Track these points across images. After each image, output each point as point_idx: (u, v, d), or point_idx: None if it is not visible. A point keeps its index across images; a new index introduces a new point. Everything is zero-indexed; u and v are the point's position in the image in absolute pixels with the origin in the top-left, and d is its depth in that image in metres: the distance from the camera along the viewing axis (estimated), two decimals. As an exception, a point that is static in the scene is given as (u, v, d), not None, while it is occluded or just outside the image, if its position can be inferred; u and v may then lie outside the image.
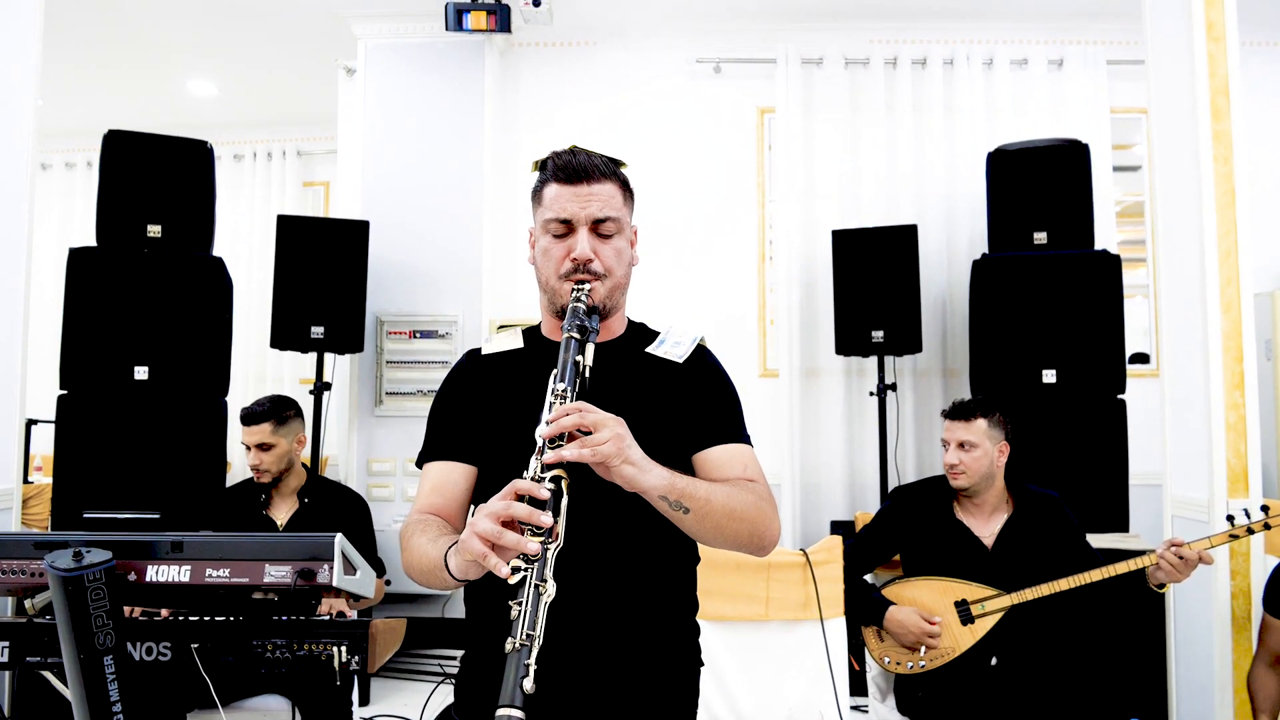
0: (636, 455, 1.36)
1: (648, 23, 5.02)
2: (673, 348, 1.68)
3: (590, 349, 1.47)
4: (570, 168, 1.59)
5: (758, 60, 4.98)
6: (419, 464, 1.70)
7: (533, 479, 1.30)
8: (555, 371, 1.43)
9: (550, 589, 1.23)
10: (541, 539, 1.24)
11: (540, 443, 1.33)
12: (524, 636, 1.19)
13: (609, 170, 1.62)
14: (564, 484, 1.30)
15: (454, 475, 1.65)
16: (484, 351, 1.73)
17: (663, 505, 1.40)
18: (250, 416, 3.22)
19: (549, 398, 1.40)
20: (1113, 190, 4.77)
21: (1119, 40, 4.81)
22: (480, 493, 1.65)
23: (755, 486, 1.57)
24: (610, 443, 1.32)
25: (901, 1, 4.77)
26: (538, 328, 1.75)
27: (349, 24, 4.88)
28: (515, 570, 1.22)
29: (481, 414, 1.65)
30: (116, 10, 4.82)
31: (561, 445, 1.32)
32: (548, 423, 1.34)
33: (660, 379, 1.64)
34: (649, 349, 1.68)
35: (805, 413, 4.81)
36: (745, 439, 1.65)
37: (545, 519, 1.24)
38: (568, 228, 1.58)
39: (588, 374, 1.45)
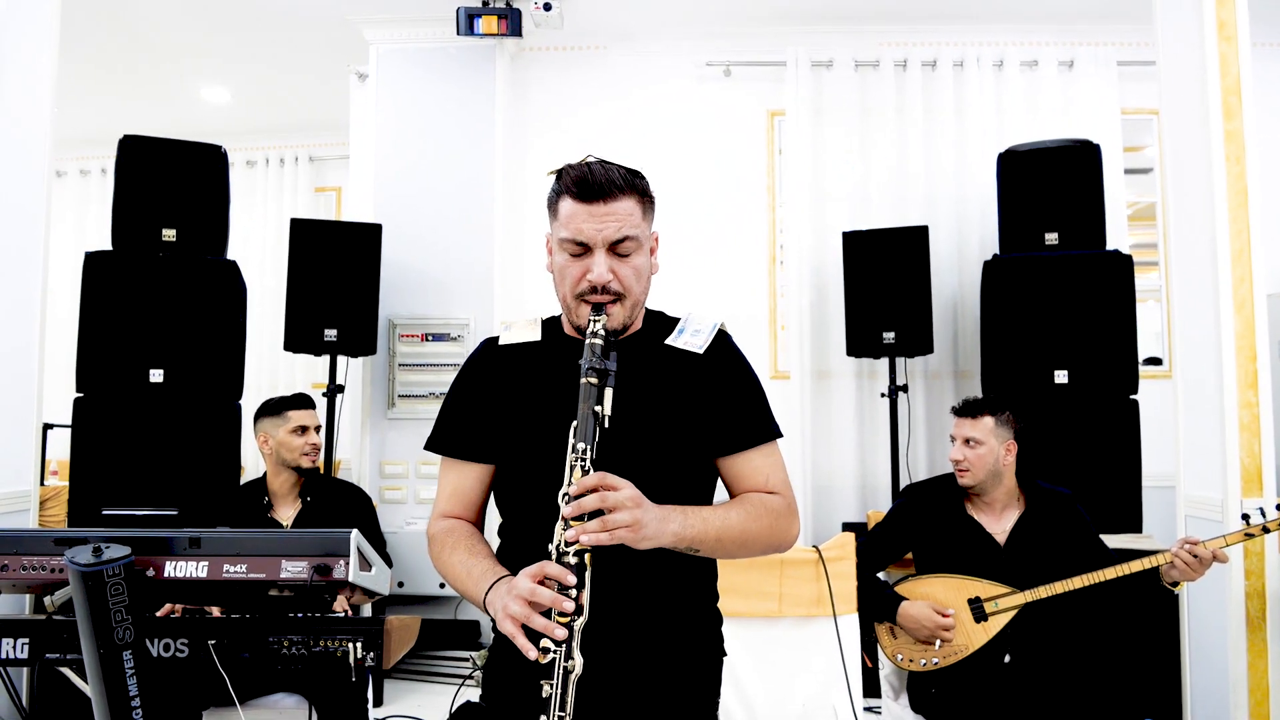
0: (651, 529, 1.39)
1: (657, 26, 5.04)
2: (692, 337, 1.66)
3: (609, 394, 1.44)
4: (587, 184, 1.52)
5: (767, 63, 4.99)
6: (429, 447, 1.70)
7: (558, 554, 1.35)
8: (574, 424, 1.42)
9: (578, 666, 1.32)
10: (567, 621, 1.32)
11: (563, 508, 1.37)
12: (555, 718, 1.30)
13: (627, 185, 1.55)
14: (588, 558, 1.36)
15: (471, 479, 1.68)
16: (502, 341, 1.71)
17: (676, 549, 1.46)
18: (306, 399, 3.29)
19: (569, 455, 1.40)
20: (1123, 193, 4.76)
21: (1129, 41, 4.80)
22: (500, 487, 1.67)
23: (771, 501, 1.59)
24: (628, 528, 1.35)
25: (911, 4, 4.78)
26: (557, 319, 1.72)
27: (360, 30, 4.91)
28: (545, 651, 1.32)
29: (499, 410, 1.64)
30: (129, 18, 4.87)
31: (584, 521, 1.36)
32: (567, 494, 1.36)
33: (682, 373, 1.63)
34: (669, 340, 1.66)
35: (816, 414, 4.81)
36: (771, 433, 1.65)
37: (569, 605, 1.32)
38: (584, 248, 1.54)
39: (608, 423, 1.43)
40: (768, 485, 1.62)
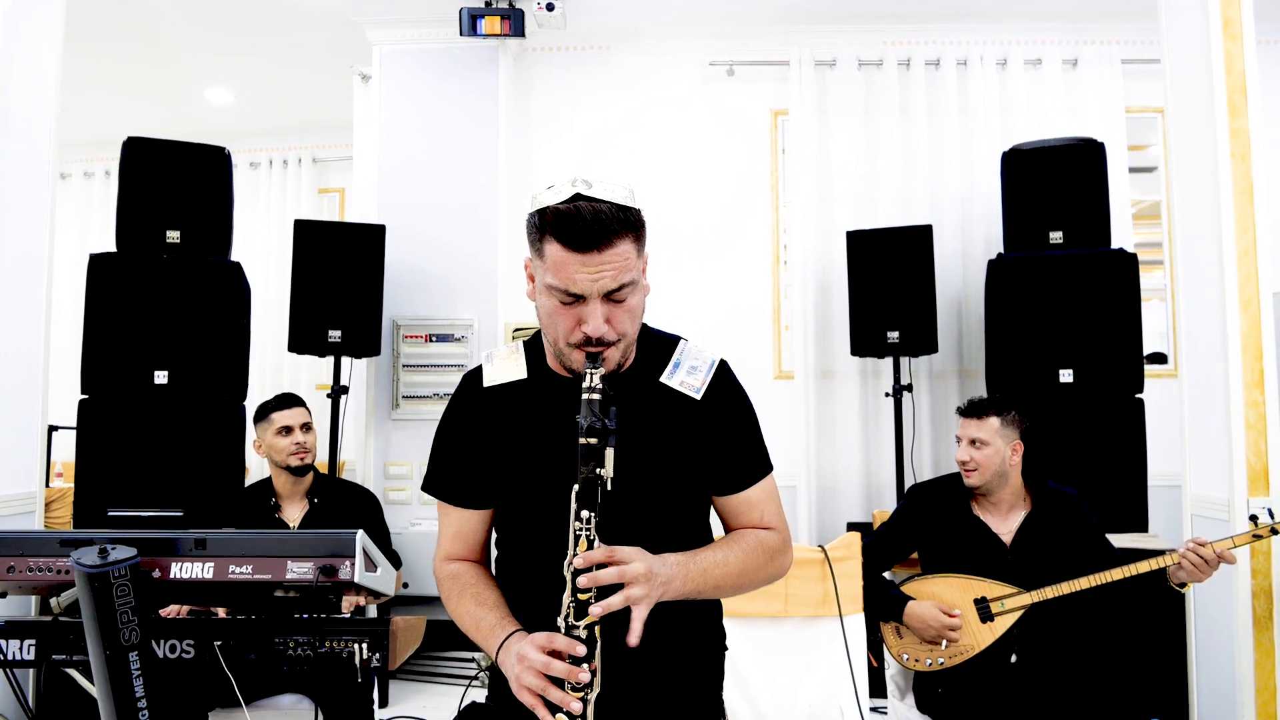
0: (658, 592, 1.40)
1: (661, 26, 5.03)
2: (689, 376, 1.59)
3: (610, 455, 1.37)
4: (577, 231, 1.39)
5: (771, 63, 4.99)
6: (427, 489, 1.69)
7: (567, 627, 1.36)
8: (575, 489, 1.37)
9: None
10: (581, 694, 1.33)
11: (570, 579, 1.36)
12: None
13: (621, 225, 1.41)
14: (598, 629, 1.37)
15: (472, 523, 1.68)
16: (486, 383, 1.63)
17: None
18: (290, 399, 3.28)
19: (573, 522, 1.37)
20: (1128, 191, 4.75)
21: (1134, 40, 4.80)
22: (502, 526, 1.68)
23: (768, 540, 1.61)
24: (643, 602, 1.36)
25: (914, 3, 4.77)
26: (539, 344, 1.65)
27: (364, 31, 4.91)
28: None
29: (494, 458, 1.60)
30: (133, 19, 4.87)
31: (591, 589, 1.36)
32: (574, 567, 1.35)
33: (678, 416, 1.58)
34: (664, 378, 1.59)
35: (821, 415, 4.80)
36: (767, 469, 1.65)
37: (584, 676, 1.33)
38: (577, 297, 1.43)
39: (610, 485, 1.38)
40: (763, 521, 1.64)
